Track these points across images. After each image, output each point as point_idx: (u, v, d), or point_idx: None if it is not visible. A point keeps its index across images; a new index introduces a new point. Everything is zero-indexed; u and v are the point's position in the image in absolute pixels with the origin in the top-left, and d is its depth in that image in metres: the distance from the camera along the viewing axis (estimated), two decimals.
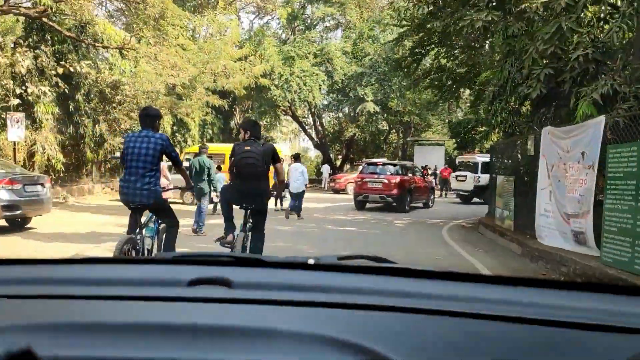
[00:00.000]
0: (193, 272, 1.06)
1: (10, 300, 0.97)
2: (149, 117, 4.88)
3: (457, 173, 20.40)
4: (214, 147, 24.38)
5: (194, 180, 9.79)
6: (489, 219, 11.38)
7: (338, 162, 36.25)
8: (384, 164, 16.04)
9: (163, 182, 8.25)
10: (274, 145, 5.39)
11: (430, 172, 27.70)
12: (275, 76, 26.02)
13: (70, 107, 17.74)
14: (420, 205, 16.94)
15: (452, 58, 14.15)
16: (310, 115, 34.27)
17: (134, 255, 4.66)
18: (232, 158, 5.24)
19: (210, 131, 28.58)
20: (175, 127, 26.90)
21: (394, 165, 15.82)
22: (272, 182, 8.33)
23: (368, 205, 16.10)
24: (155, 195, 4.73)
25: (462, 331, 0.84)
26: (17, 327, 0.81)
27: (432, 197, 17.63)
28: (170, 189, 7.26)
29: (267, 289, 1.02)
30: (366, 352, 0.74)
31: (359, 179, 15.08)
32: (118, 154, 16.61)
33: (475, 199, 19.11)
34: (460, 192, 20.05)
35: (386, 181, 14.78)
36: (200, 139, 27.97)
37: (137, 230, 4.90)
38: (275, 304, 0.94)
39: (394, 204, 14.84)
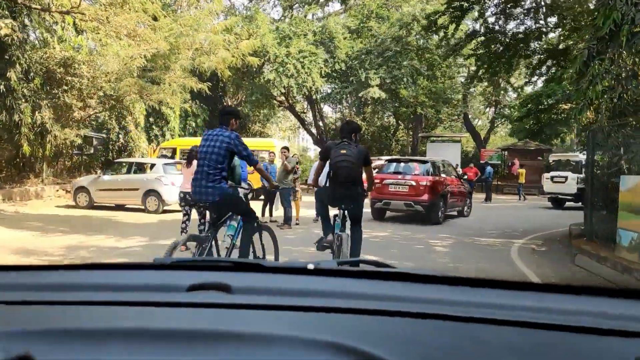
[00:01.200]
0: (192, 277, 1.07)
1: (9, 307, 0.96)
2: (224, 115, 4.90)
3: (554, 174, 17.57)
4: (183, 141, 20.66)
5: None
6: (591, 243, 7.35)
7: None
8: (410, 161, 12.59)
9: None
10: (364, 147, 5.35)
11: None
12: (269, 58, 22.09)
13: (1, 87, 13.80)
14: (455, 213, 13.32)
15: (504, 14, 10.26)
16: (309, 108, 30.23)
17: (199, 253, 4.61)
18: (326, 159, 5.37)
19: (193, 123, 24.60)
20: (151, 119, 23.00)
21: (423, 162, 12.30)
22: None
23: (388, 214, 12.45)
24: (221, 191, 4.70)
25: (463, 336, 0.84)
26: (16, 333, 0.81)
27: (468, 202, 13.89)
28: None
29: (266, 294, 1.01)
30: (366, 357, 0.74)
31: (378, 181, 11.34)
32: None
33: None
34: (560, 196, 17.26)
35: (413, 183, 11.33)
36: (181, 132, 24.04)
37: (205, 229, 5.15)
38: (274, 309, 0.93)
39: (424, 212, 11.40)
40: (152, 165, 13.91)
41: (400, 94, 24.04)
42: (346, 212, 5.28)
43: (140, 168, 14.24)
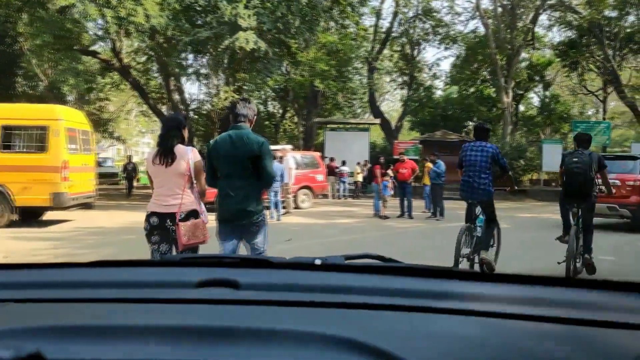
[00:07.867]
0: (200, 273, 1.05)
1: (19, 304, 0.94)
2: (482, 132, 6.00)
3: None
4: None
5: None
6: None
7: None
8: (614, 158, 10.60)
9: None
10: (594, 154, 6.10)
11: (359, 168, 17.72)
12: None
13: None
14: None
15: None
16: (163, 80, 20.60)
17: (470, 240, 5.78)
18: (562, 167, 6.28)
19: None
20: None
21: (634, 158, 10.32)
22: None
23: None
24: (488, 193, 5.77)
25: (472, 330, 0.82)
26: (26, 331, 0.79)
27: None
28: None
29: (275, 289, 1.01)
30: (375, 352, 0.73)
31: None
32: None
33: None
34: None
35: (618, 183, 9.27)
36: None
37: (473, 220, 5.92)
38: (283, 304, 0.93)
39: (631, 219, 9.68)
40: None
41: (291, 50, 15.65)
42: (580, 209, 6.03)
43: None
